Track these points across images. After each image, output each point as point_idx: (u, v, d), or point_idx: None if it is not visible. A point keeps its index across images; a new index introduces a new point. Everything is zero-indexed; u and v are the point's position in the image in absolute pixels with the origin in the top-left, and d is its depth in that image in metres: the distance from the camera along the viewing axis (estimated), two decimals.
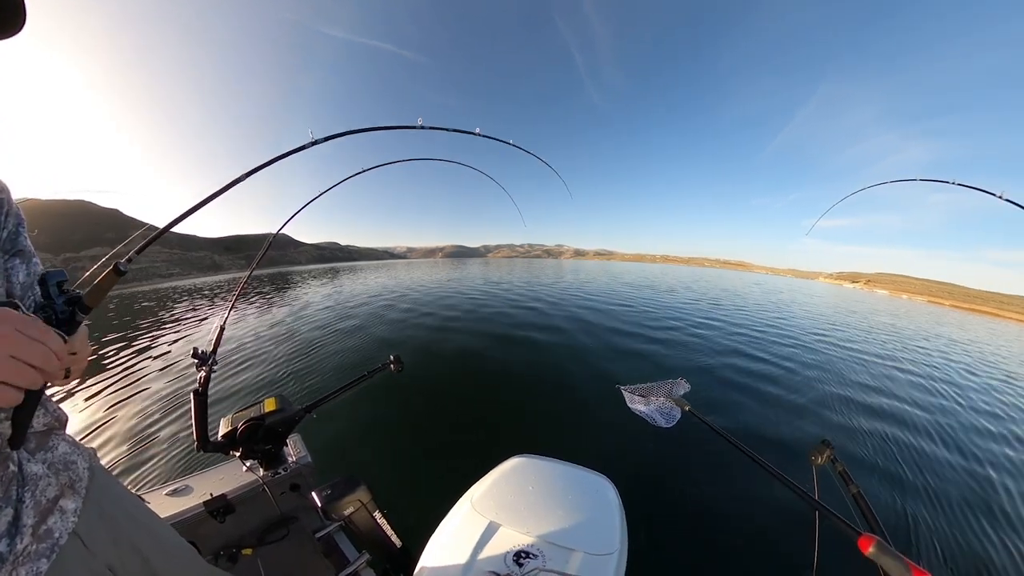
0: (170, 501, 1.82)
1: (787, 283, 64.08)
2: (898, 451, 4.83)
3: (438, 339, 8.90)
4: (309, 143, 1.87)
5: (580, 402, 5.50)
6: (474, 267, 55.78)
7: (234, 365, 7.05)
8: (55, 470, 0.80)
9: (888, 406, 6.34)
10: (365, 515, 1.73)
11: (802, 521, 2.97)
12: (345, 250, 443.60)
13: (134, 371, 7.22)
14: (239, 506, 1.90)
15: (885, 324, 17.69)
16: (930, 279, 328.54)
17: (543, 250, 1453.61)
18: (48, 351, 0.61)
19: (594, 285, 24.44)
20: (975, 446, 5.20)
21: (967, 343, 15.29)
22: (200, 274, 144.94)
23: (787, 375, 7.38)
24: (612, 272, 48.54)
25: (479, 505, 1.52)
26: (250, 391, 5.77)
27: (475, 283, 23.91)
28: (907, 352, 11.29)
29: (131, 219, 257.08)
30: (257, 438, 1.95)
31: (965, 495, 3.98)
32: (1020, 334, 26.14)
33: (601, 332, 10.04)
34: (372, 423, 4.73)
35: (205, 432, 1.80)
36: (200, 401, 1.78)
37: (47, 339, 0.62)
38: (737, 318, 13.78)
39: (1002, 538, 3.40)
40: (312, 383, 6.08)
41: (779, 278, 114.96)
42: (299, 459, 2.18)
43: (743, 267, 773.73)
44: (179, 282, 57.12)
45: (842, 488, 1.51)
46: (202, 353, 1.81)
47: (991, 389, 8.45)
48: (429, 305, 14.08)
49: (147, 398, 5.69)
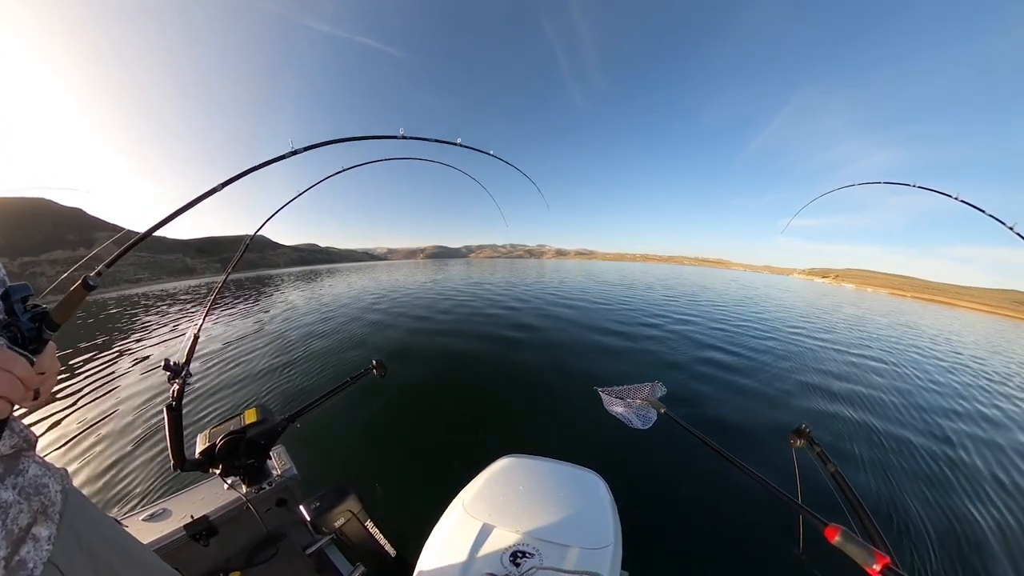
0: (148, 527, 1.71)
1: (764, 279, 66.20)
2: (865, 430, 5.17)
3: (420, 342, 8.85)
4: (289, 152, 1.82)
5: (565, 400, 5.55)
6: (456, 268, 55.43)
7: (210, 376, 6.82)
8: (26, 495, 0.76)
9: (855, 390, 6.73)
10: (357, 526, 1.69)
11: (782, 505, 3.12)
12: (324, 252, 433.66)
13: (101, 386, 6.86)
14: (223, 527, 1.81)
15: (852, 315, 18.49)
16: (893, 273, 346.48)
17: (525, 250, 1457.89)
18: (13, 379, 0.59)
19: (575, 285, 24.70)
20: (933, 422, 5.64)
21: (928, 329, 16.14)
22: (171, 278, 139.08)
23: (763, 367, 7.63)
24: (593, 271, 49.14)
25: (471, 508, 1.52)
26: (229, 403, 5.57)
27: (457, 284, 23.83)
28: (873, 340, 11.81)
29: (95, 219, 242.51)
30: (238, 453, 1.85)
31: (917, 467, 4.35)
32: (972, 320, 28.92)
33: (582, 330, 10.15)
34: (357, 429, 4.66)
35: (181, 450, 1.69)
36: (174, 416, 1.67)
37: (12, 366, 0.59)
38: (716, 314, 14.12)
39: (947, 499, 3.78)
40: (294, 391, 5.94)
41: (756, 274, 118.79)
42: (284, 472, 2.09)
43: (722, 264, 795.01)
44: (149, 287, 54.69)
45: (820, 467, 1.60)
46: (175, 364, 1.70)
47: (947, 369, 9.14)
48: (411, 308, 13.96)
49: (115, 416, 5.38)
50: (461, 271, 43.44)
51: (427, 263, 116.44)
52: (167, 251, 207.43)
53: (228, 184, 1.61)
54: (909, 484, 4.03)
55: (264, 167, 1.77)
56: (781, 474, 3.63)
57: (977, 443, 5.13)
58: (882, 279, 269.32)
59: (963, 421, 5.90)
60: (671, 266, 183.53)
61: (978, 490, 4.04)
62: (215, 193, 1.55)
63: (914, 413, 6.02)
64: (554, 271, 45.28)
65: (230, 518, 1.84)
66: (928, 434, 5.27)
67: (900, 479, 4.11)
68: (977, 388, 7.93)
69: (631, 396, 2.13)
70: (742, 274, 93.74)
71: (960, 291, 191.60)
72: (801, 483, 1.63)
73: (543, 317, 11.96)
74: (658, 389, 2.17)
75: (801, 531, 1.41)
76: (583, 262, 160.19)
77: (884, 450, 4.70)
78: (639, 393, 2.13)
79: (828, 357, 9.10)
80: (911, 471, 4.29)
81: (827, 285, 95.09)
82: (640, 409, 2.03)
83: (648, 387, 2.18)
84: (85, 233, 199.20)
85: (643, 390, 2.16)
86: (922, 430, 5.38)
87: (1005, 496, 3.96)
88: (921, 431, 5.35)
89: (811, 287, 56.74)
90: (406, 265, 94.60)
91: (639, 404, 2.05)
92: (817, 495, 1.59)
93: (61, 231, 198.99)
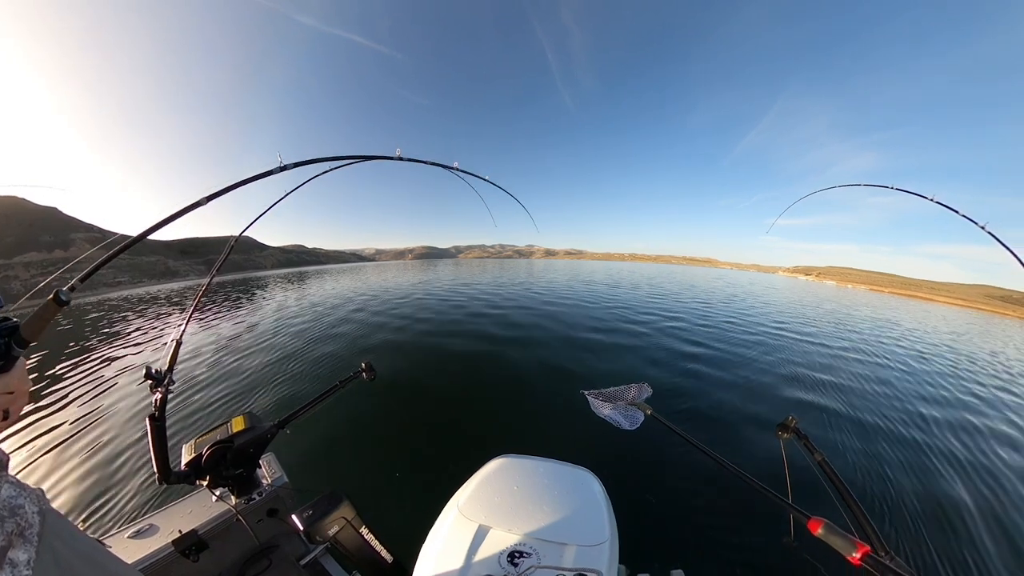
0: (134, 544, 1.65)
1: (750, 277, 67.51)
2: (848, 420, 5.44)
3: (410, 344, 8.79)
4: (277, 168, 1.77)
5: (555, 399, 5.58)
6: (446, 268, 55.24)
7: (195, 383, 6.65)
8: (0, 518, 0.73)
9: (838, 382, 6.96)
10: (351, 533, 1.65)
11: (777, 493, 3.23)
12: (312, 253, 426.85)
13: (79, 397, 6.61)
14: (213, 541, 1.76)
15: (832, 310, 18.97)
16: (872, 270, 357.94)
17: (514, 250, 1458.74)
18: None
19: (564, 285, 24.84)
20: (914, 410, 5.96)
21: (906, 323, 16.64)
22: (153, 281, 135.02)
23: (747, 361, 7.79)
24: (581, 271, 49.46)
25: (466, 509, 1.51)
26: (215, 411, 5.43)
27: (446, 285, 23.75)
28: (853, 333, 12.13)
29: (71, 219, 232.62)
30: (226, 463, 1.80)
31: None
32: (948, 314, 30.70)
33: (570, 329, 10.21)
34: (349, 434, 4.61)
35: (166, 462, 1.63)
36: (157, 427, 1.60)
37: None
38: (703, 311, 14.29)
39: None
40: (283, 397, 5.84)
41: (744, 272, 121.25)
42: (274, 480, 2.04)
43: (710, 263, 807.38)
44: (129, 291, 53.09)
45: (808, 457, 1.65)
46: (156, 372, 1.63)
47: (919, 356, 9.61)
48: (399, 309, 13.87)
49: (96, 428, 5.17)
50: (450, 271, 43.32)
51: (416, 264, 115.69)
52: (148, 253, 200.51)
53: (212, 199, 1.57)
54: (892, 468, 4.26)
55: (251, 182, 1.72)
56: (770, 465, 3.79)
57: (952, 427, 5.47)
58: (862, 276, 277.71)
59: (938, 407, 6.25)
60: (659, 265, 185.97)
61: (956, 471, 4.33)
62: (198, 207, 1.51)
63: (895, 402, 6.31)
64: (543, 271, 45.42)
65: (220, 531, 1.80)
66: (907, 422, 5.54)
67: (883, 464, 4.33)
68: (953, 376, 8.34)
69: (618, 398, 2.14)
70: (728, 272, 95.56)
71: (936, 287, 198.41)
72: (790, 473, 1.67)
73: (531, 317, 12.01)
74: (644, 390, 2.18)
75: (792, 520, 1.45)
76: (572, 262, 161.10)
77: (868, 438, 4.93)
78: (626, 395, 2.15)
79: (810, 351, 9.36)
80: (893, 456, 4.53)
81: (810, 282, 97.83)
82: (627, 411, 2.04)
83: (635, 388, 2.19)
84: (61, 234, 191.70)
85: (630, 392, 2.17)
86: (902, 418, 5.67)
87: (976, 474, 4.28)
88: (900, 419, 5.62)
89: (795, 284, 58.21)
90: (395, 266, 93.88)
91: (625, 406, 2.06)
92: (806, 484, 1.67)
93: (35, 232, 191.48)
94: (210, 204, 1.57)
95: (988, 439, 5.19)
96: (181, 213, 1.45)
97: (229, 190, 1.66)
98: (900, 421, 5.54)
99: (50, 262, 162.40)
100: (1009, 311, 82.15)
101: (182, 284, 73.71)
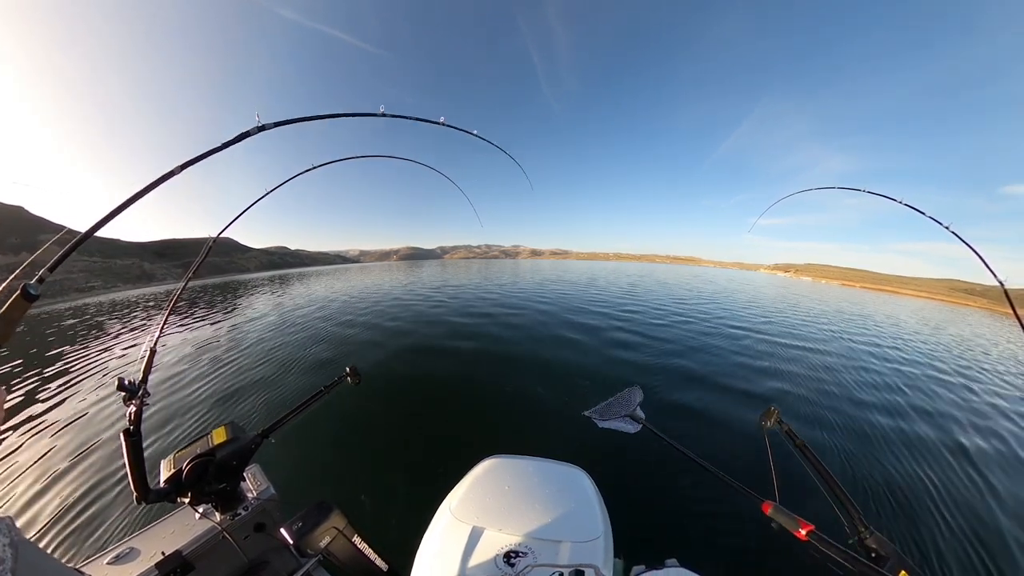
0: (114, 571, 1.56)
1: (732, 274, 69.03)
2: (826, 407, 5.79)
3: (395, 346, 8.72)
4: (255, 128, 1.63)
5: (542, 399, 5.61)
6: (431, 269, 54.86)
7: (172, 393, 6.40)
8: None
9: (812, 374, 7.24)
10: (343, 543, 1.59)
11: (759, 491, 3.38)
12: (295, 255, 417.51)
13: (46, 413, 6.13)
14: (199, 561, 1.67)
15: (809, 306, 19.50)
16: (846, 267, 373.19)
17: (500, 250, 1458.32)
18: None
19: (551, 285, 24.97)
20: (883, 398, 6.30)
21: (874, 315, 17.27)
22: (128, 286, 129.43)
23: (727, 356, 7.98)
24: (567, 270, 49.72)
25: (459, 512, 1.51)
26: (194, 422, 5.23)
27: (431, 286, 23.64)
28: (826, 325, 12.56)
29: (39, 219, 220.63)
30: (208, 477, 1.71)
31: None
32: (912, 304, 33.66)
33: (556, 328, 10.29)
34: (335, 440, 4.55)
35: (144, 479, 1.53)
36: (133, 442, 1.51)
37: None
38: (691, 310, 14.53)
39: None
40: (266, 404, 5.71)
41: (727, 270, 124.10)
42: (260, 493, 1.95)
43: (693, 262, 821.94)
44: (102, 296, 50.75)
45: (789, 443, 1.73)
46: (130, 384, 1.53)
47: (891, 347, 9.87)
48: (385, 312, 13.73)
49: (65, 446, 4.79)
50: (435, 272, 43.01)
51: (401, 265, 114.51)
52: (122, 255, 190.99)
53: (190, 164, 1.45)
54: (867, 450, 4.57)
55: (228, 147, 1.60)
56: (755, 453, 4.02)
57: (921, 413, 5.86)
58: (836, 272, 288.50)
59: (902, 393, 6.73)
60: (643, 264, 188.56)
61: (924, 453, 4.66)
62: (172, 177, 1.39)
63: (866, 389, 6.76)
64: (529, 271, 45.49)
65: (206, 550, 1.71)
66: (879, 407, 5.95)
67: (859, 447, 4.64)
68: (913, 363, 8.96)
69: (617, 407, 2.25)
70: (709, 270, 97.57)
71: (904, 281, 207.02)
72: (773, 459, 1.72)
73: (516, 317, 12.05)
74: (637, 393, 2.28)
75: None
76: (558, 262, 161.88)
77: (844, 424, 5.25)
78: (621, 403, 2.25)
79: (788, 344, 9.67)
80: (867, 439, 4.87)
81: (788, 278, 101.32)
82: (625, 420, 2.15)
83: (628, 392, 2.30)
84: (28, 235, 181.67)
85: (624, 397, 2.27)
86: (876, 404, 6.09)
87: (936, 455, 4.63)
88: (875, 405, 6.04)
89: (773, 280, 59.99)
90: (379, 267, 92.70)
91: (624, 417, 2.17)
92: (789, 469, 1.77)
93: (1, 232, 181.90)
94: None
95: (962, 425, 5.59)
96: (154, 185, 1.34)
97: (205, 156, 1.54)
98: (876, 408, 5.90)
99: (15, 265, 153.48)
100: (970, 301, 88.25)
101: (159, 288, 71.16)
